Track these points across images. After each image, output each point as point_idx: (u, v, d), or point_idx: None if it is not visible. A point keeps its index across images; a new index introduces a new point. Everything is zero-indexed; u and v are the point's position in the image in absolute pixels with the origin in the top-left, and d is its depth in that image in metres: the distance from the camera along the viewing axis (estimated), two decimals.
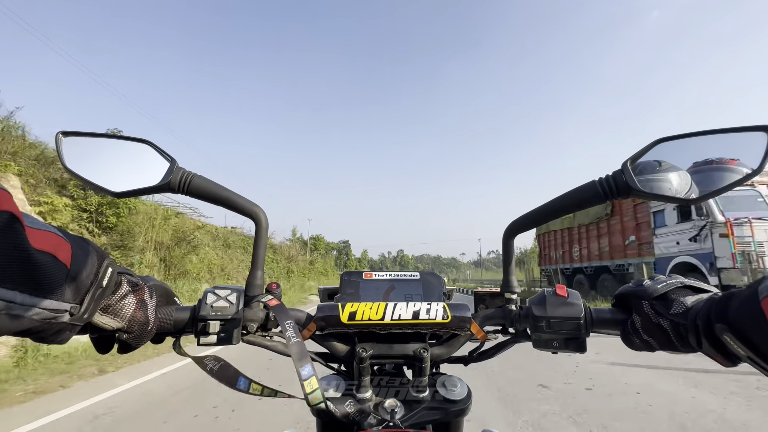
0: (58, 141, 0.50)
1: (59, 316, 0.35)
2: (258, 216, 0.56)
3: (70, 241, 0.37)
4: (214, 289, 0.54)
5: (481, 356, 0.66)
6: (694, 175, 0.48)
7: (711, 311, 0.39)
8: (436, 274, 0.74)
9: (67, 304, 0.36)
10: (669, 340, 0.45)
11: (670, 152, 0.50)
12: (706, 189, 0.47)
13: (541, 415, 2.89)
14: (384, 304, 0.57)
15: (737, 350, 0.36)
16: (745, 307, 0.35)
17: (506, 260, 0.60)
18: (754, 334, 0.34)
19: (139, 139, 0.55)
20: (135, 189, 0.52)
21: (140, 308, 0.46)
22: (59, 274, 0.34)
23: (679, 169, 0.49)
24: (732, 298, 0.38)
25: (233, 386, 0.51)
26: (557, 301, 0.54)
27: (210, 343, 0.51)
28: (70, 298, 0.36)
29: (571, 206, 0.54)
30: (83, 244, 0.39)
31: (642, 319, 0.48)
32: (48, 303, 0.33)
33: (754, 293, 0.34)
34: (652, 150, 0.50)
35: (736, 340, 0.35)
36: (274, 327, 0.58)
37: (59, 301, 0.35)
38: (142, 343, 0.48)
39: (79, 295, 0.37)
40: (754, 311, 0.33)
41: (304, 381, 0.44)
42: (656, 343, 0.47)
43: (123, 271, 0.47)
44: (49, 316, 0.34)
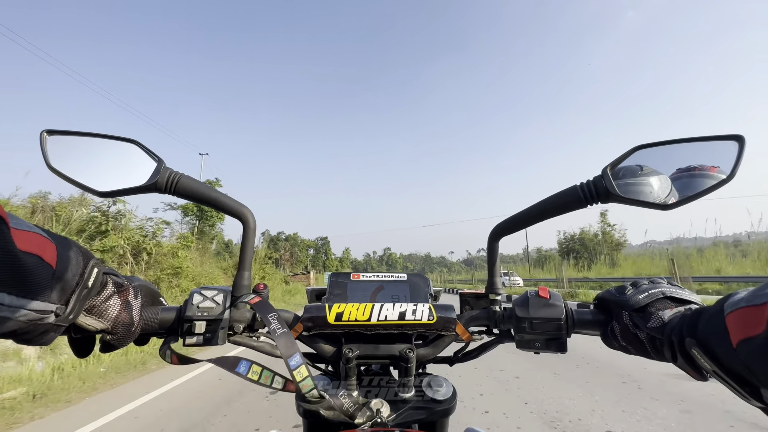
0: (42, 139, 0.49)
1: (45, 317, 0.35)
2: (246, 216, 0.56)
3: (55, 242, 0.36)
4: (200, 290, 0.54)
5: (466, 356, 0.67)
6: (675, 181, 0.50)
7: (683, 326, 0.40)
8: (423, 275, 0.75)
9: (53, 305, 0.36)
10: (645, 350, 0.47)
11: (649, 159, 0.51)
12: (681, 194, 0.49)
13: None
14: (371, 305, 0.57)
15: (704, 364, 0.36)
16: (711, 322, 0.36)
17: (491, 262, 0.61)
18: (719, 349, 0.34)
19: (126, 138, 0.54)
20: (121, 189, 0.51)
21: (125, 309, 0.46)
22: (45, 275, 0.34)
23: (658, 175, 0.50)
24: (702, 313, 0.38)
25: (233, 370, 0.50)
26: (540, 302, 0.55)
27: (196, 343, 0.51)
28: (55, 299, 0.36)
29: (553, 210, 0.55)
30: (68, 245, 0.39)
31: (621, 328, 0.50)
32: (35, 304, 0.33)
33: (720, 309, 0.34)
34: (631, 156, 0.51)
35: (703, 355, 0.36)
36: (261, 327, 0.58)
37: (45, 302, 0.35)
38: (126, 343, 0.48)
39: (64, 295, 0.37)
40: (718, 327, 0.34)
41: (294, 370, 0.44)
42: (633, 350, 0.49)
43: (108, 272, 0.46)
44: (36, 318, 0.34)
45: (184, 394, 3.76)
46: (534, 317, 0.54)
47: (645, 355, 0.48)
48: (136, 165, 0.53)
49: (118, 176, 0.52)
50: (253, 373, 0.51)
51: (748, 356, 0.31)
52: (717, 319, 0.34)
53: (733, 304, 0.33)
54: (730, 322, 0.32)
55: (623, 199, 0.49)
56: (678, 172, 0.50)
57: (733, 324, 0.32)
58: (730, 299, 0.34)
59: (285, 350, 0.46)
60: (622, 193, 0.49)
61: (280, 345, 0.46)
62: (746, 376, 0.33)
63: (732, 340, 0.32)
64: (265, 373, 0.51)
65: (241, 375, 0.50)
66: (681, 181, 0.49)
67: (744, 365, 0.32)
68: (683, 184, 0.49)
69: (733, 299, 0.33)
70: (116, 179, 0.52)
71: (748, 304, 0.31)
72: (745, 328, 0.31)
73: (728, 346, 0.32)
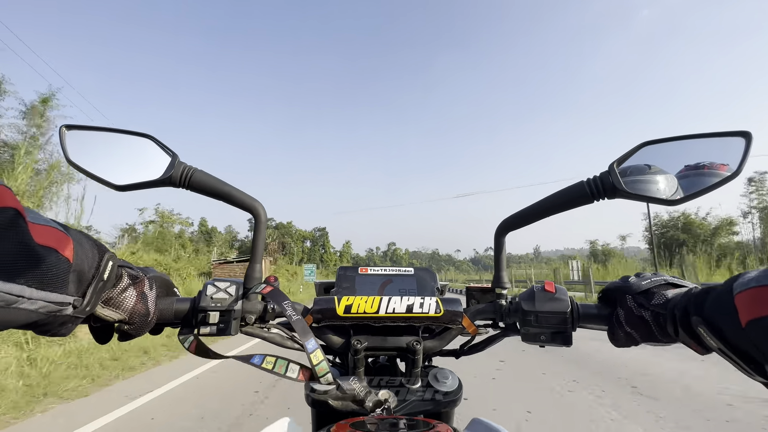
0: (61, 134, 0.51)
1: (63, 309, 0.37)
2: (257, 210, 0.57)
3: (72, 236, 0.38)
4: (213, 281, 0.55)
5: (471, 349, 0.68)
6: (682, 177, 0.50)
7: (689, 304, 0.41)
8: (430, 270, 0.76)
9: (70, 297, 0.37)
10: (650, 332, 0.48)
11: (655, 155, 0.52)
12: (688, 190, 0.49)
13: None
14: (379, 298, 0.58)
15: (709, 342, 0.38)
16: (719, 301, 0.36)
17: (498, 257, 0.62)
18: (726, 327, 0.35)
19: (140, 133, 0.56)
20: (137, 183, 0.53)
21: (140, 300, 0.48)
22: (63, 269, 0.35)
23: (665, 172, 0.51)
24: (709, 292, 0.39)
25: (248, 361, 0.52)
26: (545, 296, 0.56)
27: (209, 333, 0.53)
28: (73, 292, 0.37)
29: (560, 206, 0.55)
30: (84, 239, 0.40)
31: (625, 313, 0.50)
32: (54, 297, 0.35)
33: (729, 289, 0.35)
34: (637, 153, 0.52)
35: (709, 333, 0.37)
36: (272, 319, 0.60)
37: (64, 294, 0.36)
38: (142, 333, 0.50)
39: (81, 288, 0.39)
40: (727, 306, 0.34)
41: (311, 353, 0.46)
42: (638, 336, 0.49)
43: (123, 264, 0.48)
44: (55, 309, 0.36)
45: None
46: (539, 311, 0.55)
47: (650, 339, 0.49)
48: (151, 159, 0.55)
49: (134, 170, 0.54)
50: (267, 363, 0.53)
51: (758, 335, 0.31)
52: (725, 298, 0.35)
53: (743, 284, 0.33)
54: (739, 301, 0.33)
55: (630, 194, 0.50)
56: (685, 168, 0.50)
57: (743, 303, 0.32)
58: (740, 279, 0.34)
59: (302, 335, 0.48)
60: (629, 189, 0.50)
61: (297, 329, 0.48)
62: (753, 354, 0.33)
63: (741, 319, 0.32)
64: (279, 363, 0.53)
65: (255, 365, 0.52)
66: (688, 177, 0.49)
67: (752, 344, 0.32)
68: (690, 180, 0.49)
69: (743, 279, 0.34)
70: (132, 173, 0.53)
71: (759, 284, 0.31)
72: (755, 307, 0.31)
73: (737, 325, 0.33)
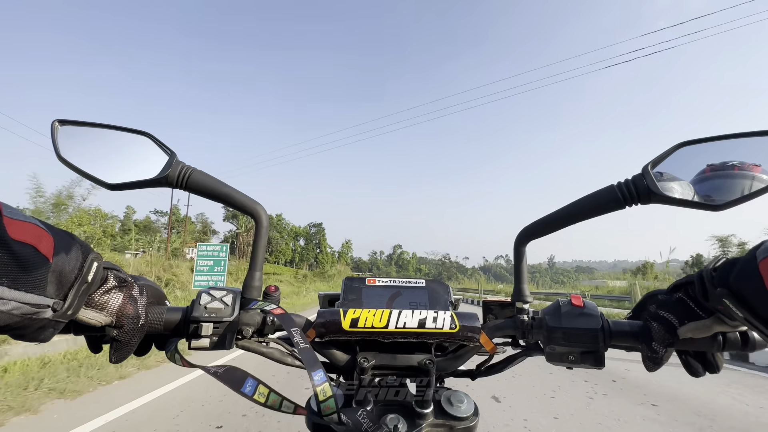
0: (53, 129, 0.48)
1: (41, 312, 0.34)
2: (258, 213, 0.53)
3: (53, 234, 0.35)
4: (209, 290, 0.51)
5: (489, 370, 0.62)
6: (714, 179, 0.46)
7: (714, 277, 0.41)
8: (442, 282, 0.71)
9: (49, 299, 0.34)
10: (686, 306, 0.45)
11: (692, 156, 0.48)
12: (728, 195, 0.45)
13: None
14: (388, 311, 0.54)
15: (735, 313, 0.37)
16: (744, 270, 0.37)
17: (518, 268, 0.57)
18: (751, 296, 0.35)
19: (138, 130, 0.53)
20: (131, 182, 0.50)
21: (129, 302, 0.44)
22: (41, 267, 0.33)
23: (702, 174, 0.46)
24: (734, 264, 0.39)
25: (238, 389, 0.47)
26: (573, 311, 0.51)
27: (202, 346, 0.48)
28: (52, 293, 0.35)
29: (588, 212, 0.51)
30: (66, 237, 0.37)
31: (657, 304, 0.49)
32: (29, 297, 0.32)
33: (753, 257, 0.35)
34: (673, 154, 0.48)
35: (735, 303, 0.37)
36: (271, 332, 0.55)
37: (41, 295, 0.33)
38: (134, 340, 0.45)
39: (62, 290, 0.36)
40: (751, 274, 0.35)
41: (318, 387, 0.41)
42: (674, 317, 0.46)
43: (110, 267, 0.44)
44: (30, 311, 0.33)
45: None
46: (567, 327, 0.50)
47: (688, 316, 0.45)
48: (148, 158, 0.52)
49: (129, 169, 0.51)
50: (260, 395, 0.48)
51: None
52: (750, 266, 0.35)
53: (766, 251, 0.34)
54: (763, 267, 0.34)
55: (668, 199, 0.45)
56: (713, 169, 0.46)
57: (767, 269, 0.33)
58: (763, 246, 0.35)
59: (309, 366, 0.43)
60: (667, 193, 0.45)
61: (305, 360, 0.43)
62: None
63: (766, 284, 0.33)
64: (272, 397, 0.48)
65: (245, 395, 0.47)
66: (732, 180, 0.45)
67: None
68: (734, 184, 0.45)
69: (766, 246, 0.35)
70: (127, 172, 0.50)
71: None
72: None
73: (762, 291, 0.33)
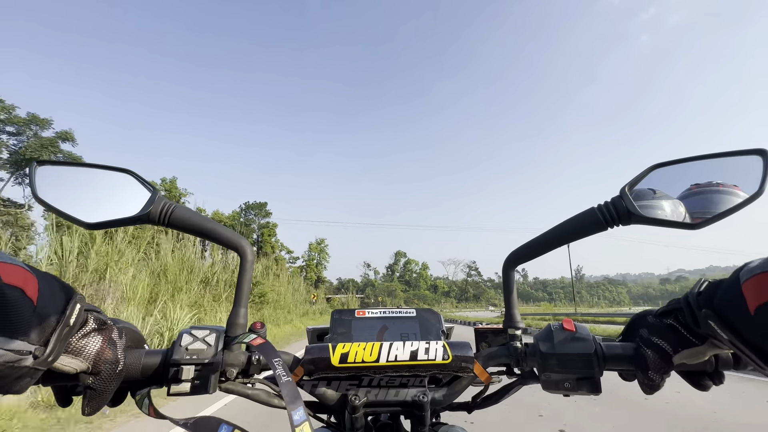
0: (32, 170, 0.47)
1: (23, 359, 0.32)
2: (243, 249, 0.52)
3: (37, 276, 0.34)
4: (190, 330, 0.48)
5: (485, 401, 0.60)
6: (699, 199, 0.47)
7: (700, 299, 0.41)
8: (433, 310, 0.70)
9: (31, 345, 0.32)
10: (678, 334, 0.45)
11: (667, 177, 0.49)
12: (706, 213, 0.46)
13: None
14: (378, 344, 0.52)
15: (720, 335, 0.37)
16: (728, 291, 0.37)
17: (507, 292, 0.56)
18: (736, 317, 0.35)
19: (119, 168, 0.52)
20: (111, 220, 0.49)
21: (108, 346, 0.41)
22: (26, 311, 0.31)
23: (680, 195, 0.48)
24: (719, 285, 0.39)
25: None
26: (565, 336, 0.50)
27: (182, 392, 0.45)
28: (35, 339, 0.33)
29: (572, 235, 0.52)
30: (49, 279, 0.36)
31: (649, 329, 0.48)
32: (14, 344, 0.30)
33: (736, 278, 0.35)
34: (649, 176, 0.49)
35: (720, 325, 0.36)
36: (256, 372, 0.52)
37: (24, 341, 0.31)
38: (111, 388, 0.42)
39: (44, 335, 0.34)
40: (735, 295, 0.34)
41: (296, 427, 0.38)
42: (668, 345, 0.45)
43: (90, 308, 0.42)
44: (13, 359, 0.31)
45: None
46: (561, 353, 0.49)
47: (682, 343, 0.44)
48: (129, 195, 0.51)
49: (109, 207, 0.50)
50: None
51: (766, 321, 0.32)
52: (734, 287, 0.35)
53: (749, 272, 0.34)
54: (746, 289, 0.33)
55: (646, 219, 0.46)
56: (700, 189, 0.47)
57: (750, 291, 0.33)
58: (746, 267, 0.35)
59: (289, 403, 0.40)
60: (645, 214, 0.47)
61: (285, 394, 0.41)
62: (763, 346, 0.33)
63: (749, 307, 0.33)
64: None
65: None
66: (705, 199, 0.46)
67: (761, 332, 0.33)
68: (708, 202, 0.46)
69: (749, 267, 0.34)
70: (107, 210, 0.49)
71: (764, 270, 0.32)
72: (762, 293, 0.32)
73: (746, 313, 0.33)
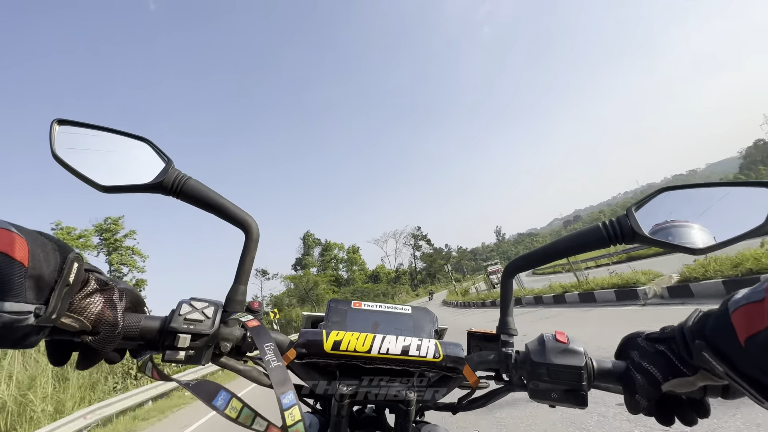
0: (51, 128, 0.48)
1: (23, 319, 0.33)
2: (249, 226, 0.53)
3: (27, 237, 0.34)
4: (190, 300, 0.49)
5: (471, 404, 0.60)
6: (698, 223, 0.48)
7: (693, 330, 0.40)
8: (428, 310, 0.70)
9: (30, 305, 0.33)
10: (669, 363, 0.44)
11: (674, 201, 0.50)
12: (709, 240, 0.47)
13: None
14: (372, 336, 0.53)
15: (715, 367, 0.36)
16: (718, 322, 0.36)
17: (504, 300, 0.57)
18: (728, 348, 0.34)
19: (137, 136, 0.53)
20: (124, 185, 0.49)
21: (108, 308, 0.42)
22: (16, 274, 0.32)
23: (685, 219, 0.48)
24: (709, 315, 0.39)
25: (210, 402, 0.45)
26: (558, 347, 0.50)
27: (177, 359, 0.46)
28: (33, 299, 0.34)
29: (574, 249, 0.52)
30: (42, 240, 0.36)
31: (640, 353, 0.48)
32: (8, 305, 0.31)
33: (725, 309, 0.35)
34: (656, 198, 0.50)
35: (714, 357, 0.36)
36: (249, 350, 0.53)
37: (20, 302, 0.32)
38: (107, 348, 0.43)
39: (43, 294, 0.35)
40: (725, 326, 0.34)
41: (285, 411, 0.39)
42: (658, 372, 0.45)
43: (91, 269, 0.43)
44: (10, 320, 0.32)
45: None
46: (552, 363, 0.49)
47: (672, 372, 0.43)
48: (144, 164, 0.52)
49: (124, 173, 0.50)
50: (232, 410, 0.45)
51: (757, 352, 0.31)
52: (723, 318, 0.35)
53: (736, 302, 0.34)
54: (735, 319, 0.33)
55: (650, 240, 0.47)
56: (707, 217, 0.48)
57: (739, 321, 0.33)
58: (733, 298, 0.35)
59: (278, 386, 0.40)
60: (649, 234, 0.47)
61: (274, 379, 0.41)
62: (758, 377, 0.33)
63: (739, 338, 0.32)
64: (245, 412, 0.46)
65: (217, 409, 0.45)
66: (711, 226, 0.47)
67: (754, 363, 0.32)
68: (712, 229, 0.47)
69: (736, 297, 0.34)
70: (121, 176, 0.50)
71: (749, 300, 0.32)
72: (750, 324, 0.31)
73: (737, 344, 0.33)
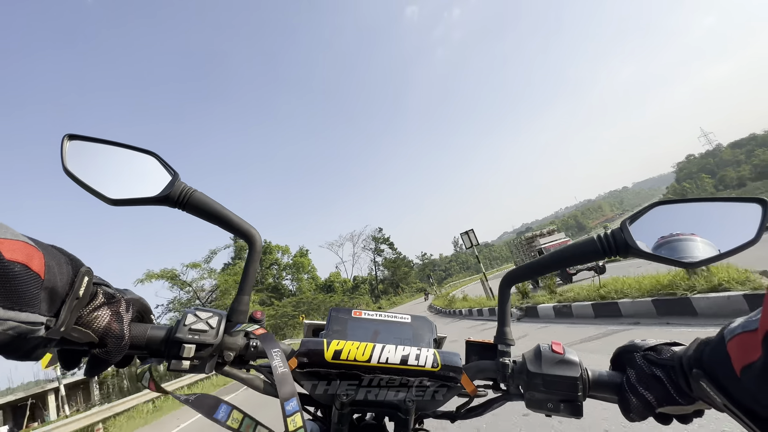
0: (63, 143, 0.50)
1: (35, 330, 0.34)
2: (253, 237, 0.54)
3: (43, 250, 0.36)
4: (194, 311, 0.50)
5: (469, 413, 0.61)
6: (690, 238, 0.49)
7: (690, 358, 0.40)
8: (427, 319, 0.72)
9: (42, 317, 0.34)
10: (666, 391, 0.44)
11: (666, 216, 0.51)
12: (700, 254, 0.48)
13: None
14: (372, 345, 0.54)
15: (713, 397, 0.36)
16: (714, 351, 0.36)
17: (502, 310, 0.58)
18: (725, 378, 0.34)
19: (145, 150, 0.55)
20: (132, 198, 0.51)
21: (115, 321, 0.43)
22: (33, 285, 0.33)
23: (676, 232, 0.49)
24: (707, 344, 0.38)
25: (211, 415, 0.47)
26: (553, 358, 0.51)
27: (181, 369, 0.47)
28: (45, 311, 0.35)
29: (570, 260, 0.54)
30: (56, 253, 0.38)
31: (637, 373, 0.47)
32: (24, 316, 0.32)
33: (721, 338, 0.35)
34: (649, 212, 0.51)
35: (711, 387, 0.35)
36: (252, 360, 0.54)
37: (35, 313, 0.34)
38: (114, 360, 0.44)
39: (54, 306, 0.36)
40: (721, 355, 0.34)
41: (288, 417, 0.40)
42: (653, 398, 0.45)
43: (99, 282, 0.45)
44: (25, 330, 0.33)
45: None
46: (547, 374, 0.50)
47: (667, 400, 0.44)
48: (152, 177, 0.53)
49: (133, 186, 0.52)
50: (233, 421, 0.47)
51: (751, 383, 0.31)
52: (719, 347, 0.35)
53: (731, 332, 0.33)
54: (731, 349, 0.33)
55: (643, 253, 0.48)
56: (697, 231, 0.49)
57: (734, 351, 0.32)
58: (729, 327, 0.34)
59: (283, 392, 0.41)
60: (641, 248, 0.48)
61: (279, 385, 0.43)
62: (755, 408, 0.32)
63: (735, 368, 0.32)
64: (246, 422, 0.47)
65: (219, 422, 0.46)
66: (701, 241, 0.48)
67: (750, 394, 0.32)
68: (703, 244, 0.48)
69: (731, 326, 0.34)
70: (129, 189, 0.52)
71: (744, 330, 0.32)
72: (745, 354, 0.31)
73: (733, 374, 0.32)
